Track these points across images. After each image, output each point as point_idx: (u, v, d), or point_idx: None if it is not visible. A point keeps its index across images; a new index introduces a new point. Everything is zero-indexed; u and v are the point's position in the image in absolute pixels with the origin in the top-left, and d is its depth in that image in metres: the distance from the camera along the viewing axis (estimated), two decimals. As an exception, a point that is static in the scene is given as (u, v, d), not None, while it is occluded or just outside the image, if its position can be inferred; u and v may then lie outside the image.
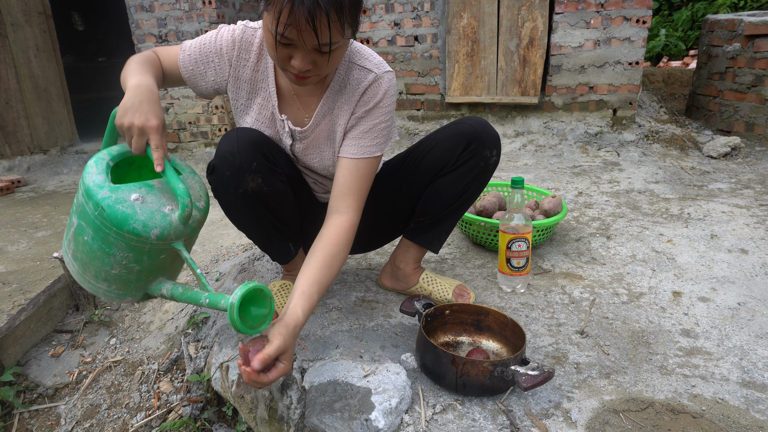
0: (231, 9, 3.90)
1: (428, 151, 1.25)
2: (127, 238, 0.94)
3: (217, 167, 1.11)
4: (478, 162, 1.22)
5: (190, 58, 1.15)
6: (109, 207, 0.92)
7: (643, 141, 3.28)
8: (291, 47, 0.95)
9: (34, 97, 4.19)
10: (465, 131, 1.21)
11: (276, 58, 0.99)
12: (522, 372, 0.97)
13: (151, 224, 0.94)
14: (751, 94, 3.26)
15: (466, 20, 3.45)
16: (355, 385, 1.05)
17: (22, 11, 4.01)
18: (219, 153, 1.11)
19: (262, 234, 1.27)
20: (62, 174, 4.14)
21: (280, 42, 0.93)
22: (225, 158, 1.10)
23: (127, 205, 0.93)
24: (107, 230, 0.93)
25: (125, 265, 0.98)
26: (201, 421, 1.32)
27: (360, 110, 1.15)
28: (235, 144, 1.10)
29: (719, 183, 2.56)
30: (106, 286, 1.03)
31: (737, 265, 1.61)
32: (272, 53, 0.99)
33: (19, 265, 2.23)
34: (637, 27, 3.17)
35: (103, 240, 0.95)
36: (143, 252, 0.97)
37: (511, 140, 3.52)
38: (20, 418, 1.46)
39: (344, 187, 1.14)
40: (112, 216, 0.92)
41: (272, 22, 0.91)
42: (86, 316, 1.73)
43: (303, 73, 0.99)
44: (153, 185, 1.00)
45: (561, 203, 1.79)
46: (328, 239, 1.08)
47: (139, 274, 1.01)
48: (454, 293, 1.39)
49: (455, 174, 1.24)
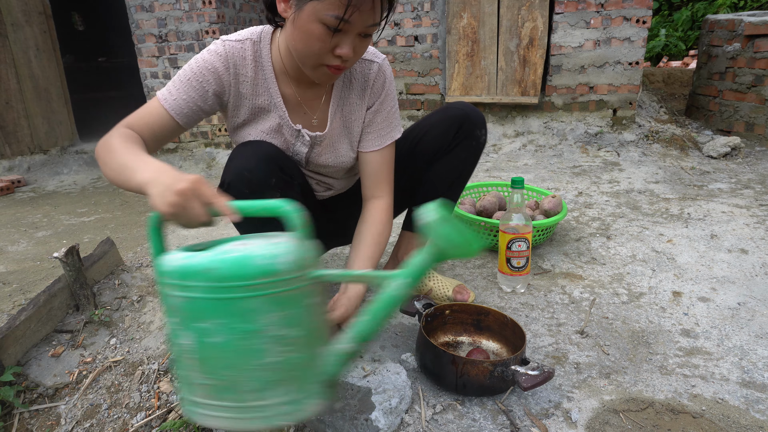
0: (231, 9, 3.90)
1: (422, 137, 1.31)
2: (259, 286, 0.70)
3: (233, 184, 1.05)
4: (471, 142, 1.30)
5: (179, 96, 1.04)
6: (220, 261, 0.70)
7: (643, 141, 3.28)
8: (339, 35, 0.94)
9: (34, 97, 4.19)
10: (455, 115, 1.28)
11: (319, 51, 0.96)
12: (522, 372, 0.97)
13: (274, 252, 0.72)
14: (751, 94, 3.26)
15: (466, 20, 3.45)
16: (355, 385, 1.05)
17: (22, 11, 4.01)
18: (233, 169, 1.05)
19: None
20: (62, 174, 4.14)
21: (338, 29, 0.92)
22: (241, 175, 1.04)
23: (235, 249, 0.73)
24: (232, 294, 0.69)
25: (279, 338, 0.71)
26: (201, 421, 1.32)
27: (374, 103, 1.19)
28: (252, 160, 1.05)
29: (719, 183, 2.56)
30: (275, 392, 0.71)
31: (737, 265, 1.61)
32: (315, 47, 0.95)
33: (19, 265, 2.23)
34: (637, 27, 3.17)
35: (234, 315, 0.70)
36: (286, 302, 0.72)
37: (511, 140, 3.52)
38: (20, 418, 1.46)
39: (376, 177, 1.21)
40: (230, 266, 0.70)
41: (333, 7, 0.89)
42: (86, 316, 1.73)
43: (344, 62, 0.98)
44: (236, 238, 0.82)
45: (561, 203, 1.79)
46: (373, 220, 1.18)
47: (300, 344, 0.73)
48: (454, 291, 1.40)
49: (451, 156, 1.31)
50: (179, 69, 1.30)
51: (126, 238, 2.51)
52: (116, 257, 2.04)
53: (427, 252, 0.75)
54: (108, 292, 1.89)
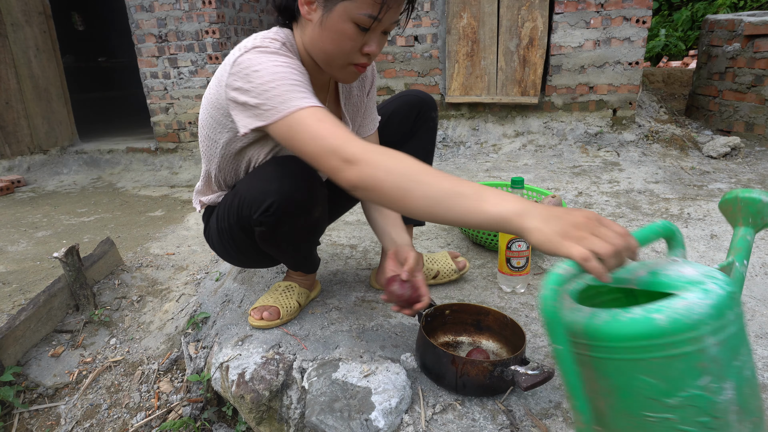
0: (231, 9, 3.90)
1: (384, 126, 1.37)
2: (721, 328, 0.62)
3: (281, 206, 1.02)
4: (429, 124, 1.39)
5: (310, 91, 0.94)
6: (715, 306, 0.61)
7: (643, 141, 3.28)
8: (368, 33, 0.96)
9: (34, 97, 4.19)
10: (413, 102, 1.36)
11: (350, 51, 0.97)
12: (522, 372, 0.97)
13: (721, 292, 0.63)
14: (750, 94, 3.26)
15: (466, 20, 3.45)
16: (355, 385, 1.05)
17: (22, 11, 4.01)
18: (279, 191, 1.02)
19: (302, 256, 1.27)
20: (62, 174, 4.14)
21: (369, 28, 0.94)
22: (291, 195, 1.02)
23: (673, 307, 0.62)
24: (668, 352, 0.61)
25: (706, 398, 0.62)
26: (201, 421, 1.32)
27: (370, 88, 1.26)
28: (299, 179, 1.03)
29: (719, 183, 2.56)
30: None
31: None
32: (346, 46, 0.96)
33: (19, 265, 2.23)
34: (637, 27, 3.17)
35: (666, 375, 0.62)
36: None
37: (511, 140, 3.52)
38: (20, 418, 1.46)
39: None
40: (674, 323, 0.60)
41: (366, 5, 0.90)
42: (86, 316, 1.73)
43: (369, 60, 1.01)
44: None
45: (561, 203, 1.79)
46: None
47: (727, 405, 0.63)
48: (454, 261, 1.52)
49: (415, 139, 1.38)
50: (179, 69, 1.30)
51: (126, 238, 2.52)
52: (116, 257, 2.04)
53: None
54: (108, 292, 1.89)
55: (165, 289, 1.91)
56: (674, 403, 0.62)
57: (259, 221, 1.05)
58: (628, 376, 0.64)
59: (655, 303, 0.63)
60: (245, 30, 4.14)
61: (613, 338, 0.63)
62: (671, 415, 0.63)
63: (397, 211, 0.83)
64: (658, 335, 0.61)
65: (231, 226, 1.14)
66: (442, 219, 0.78)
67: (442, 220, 0.78)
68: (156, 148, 4.12)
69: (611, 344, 0.64)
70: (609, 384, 0.66)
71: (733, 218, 0.76)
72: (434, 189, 0.77)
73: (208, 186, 1.25)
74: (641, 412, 0.64)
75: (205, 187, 1.25)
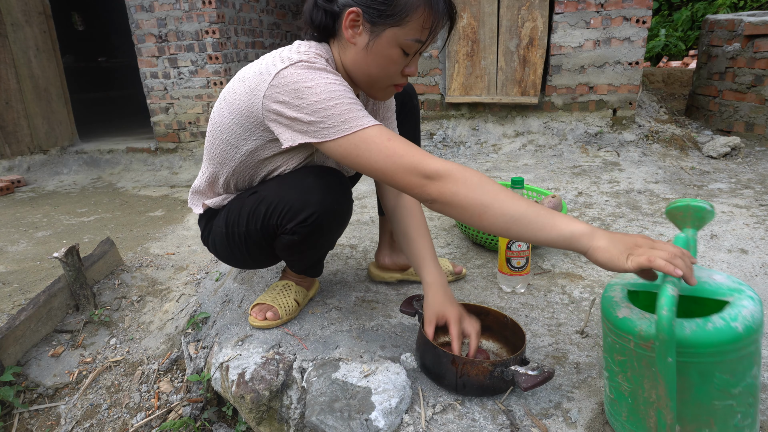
0: (231, 9, 3.90)
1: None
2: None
3: (320, 218, 1.05)
4: (414, 111, 1.42)
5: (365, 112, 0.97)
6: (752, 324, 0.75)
7: (643, 141, 3.28)
8: (411, 55, 1.00)
9: (34, 97, 4.19)
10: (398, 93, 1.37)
11: (392, 74, 1.02)
12: (522, 372, 0.97)
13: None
14: (750, 94, 3.26)
15: (466, 20, 3.45)
16: (355, 385, 1.05)
17: (22, 11, 4.02)
18: (319, 202, 1.04)
19: (315, 261, 1.30)
20: (62, 174, 4.14)
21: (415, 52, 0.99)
22: (331, 207, 1.05)
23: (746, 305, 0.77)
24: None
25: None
26: (201, 421, 1.32)
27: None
28: (338, 193, 1.08)
29: (719, 183, 2.56)
30: None
31: (737, 265, 1.61)
32: (390, 70, 1.01)
33: (19, 265, 2.23)
34: (637, 27, 3.17)
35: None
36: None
37: (511, 140, 3.52)
38: (20, 418, 1.46)
39: None
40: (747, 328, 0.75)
41: (415, 31, 0.95)
42: (86, 316, 1.73)
43: (407, 79, 1.05)
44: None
45: (561, 203, 1.79)
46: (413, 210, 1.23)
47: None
48: (452, 264, 1.54)
49: (402, 129, 1.40)
50: (179, 69, 1.30)
51: (126, 238, 2.52)
52: (116, 257, 2.04)
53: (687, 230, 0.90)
54: (108, 292, 1.89)
55: (165, 289, 1.91)
56: (736, 392, 0.77)
57: (293, 230, 1.06)
58: (707, 374, 0.76)
59: (723, 312, 0.76)
60: (245, 30, 4.14)
61: (700, 345, 0.75)
62: (733, 401, 0.78)
63: (472, 224, 0.89)
64: (737, 340, 0.74)
65: (250, 231, 1.13)
66: (515, 235, 0.86)
67: (515, 235, 0.86)
68: (156, 148, 4.12)
69: (697, 350, 0.75)
70: (686, 382, 0.77)
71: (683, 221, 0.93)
72: (512, 207, 0.85)
73: (212, 188, 1.24)
74: (712, 402, 0.78)
75: (208, 188, 1.24)
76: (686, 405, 0.79)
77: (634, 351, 0.80)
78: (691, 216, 0.92)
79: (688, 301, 0.86)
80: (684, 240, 0.87)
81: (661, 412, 0.77)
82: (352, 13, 0.97)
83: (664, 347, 0.71)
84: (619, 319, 0.83)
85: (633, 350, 0.81)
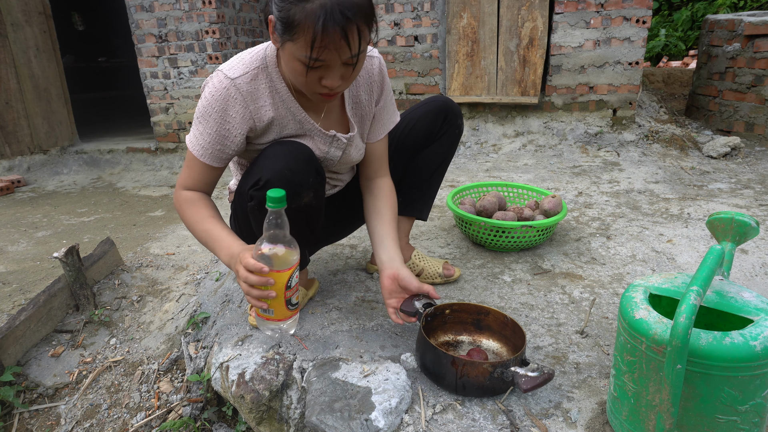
0: (231, 9, 3.90)
1: (412, 128, 1.41)
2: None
3: (270, 182, 1.07)
4: (454, 130, 1.43)
5: (213, 148, 1.11)
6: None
7: (643, 141, 3.28)
8: (321, 68, 0.97)
9: (34, 97, 4.19)
10: (440, 107, 1.39)
11: (305, 83, 1.00)
12: (522, 373, 0.97)
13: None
14: (750, 94, 3.26)
15: (466, 20, 3.45)
16: (355, 385, 1.05)
17: (22, 11, 4.01)
18: (272, 168, 1.08)
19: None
20: (62, 174, 4.14)
21: (313, 66, 0.95)
22: (282, 173, 1.07)
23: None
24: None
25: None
26: (201, 421, 1.32)
27: (380, 96, 1.26)
28: (292, 160, 1.09)
29: (719, 183, 2.56)
30: None
31: (737, 265, 1.61)
32: (301, 80, 1.00)
33: (19, 265, 2.23)
34: (637, 27, 3.17)
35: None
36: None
37: (511, 140, 3.52)
38: (20, 418, 1.46)
39: (379, 159, 1.32)
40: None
41: (303, 48, 0.93)
42: (86, 316, 1.73)
43: (333, 90, 1.01)
44: None
45: (561, 203, 1.79)
46: (385, 195, 1.30)
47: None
48: (444, 267, 1.53)
49: (438, 143, 1.42)
50: (179, 69, 1.31)
51: (126, 238, 2.51)
52: (116, 257, 2.04)
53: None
54: (108, 292, 1.89)
55: (165, 289, 1.91)
56: (743, 409, 0.77)
57: (250, 195, 1.11)
58: (715, 387, 0.76)
59: (746, 329, 0.77)
60: (245, 30, 4.14)
61: (713, 358, 0.75)
62: (737, 418, 0.77)
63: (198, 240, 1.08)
64: (753, 359, 0.74)
65: (236, 205, 1.22)
66: (212, 252, 1.10)
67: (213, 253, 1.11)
68: (156, 148, 4.12)
69: (710, 362, 0.75)
70: (692, 392, 0.78)
71: (723, 234, 0.93)
72: (200, 230, 1.11)
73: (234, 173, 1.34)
74: (715, 415, 0.78)
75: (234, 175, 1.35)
76: (688, 414, 0.79)
77: (645, 353, 0.80)
78: (733, 230, 0.92)
79: (712, 314, 0.87)
80: (719, 252, 0.84)
81: (661, 416, 0.77)
82: (270, 22, 0.99)
83: (676, 354, 0.71)
84: (635, 320, 0.82)
85: (644, 352, 0.81)
